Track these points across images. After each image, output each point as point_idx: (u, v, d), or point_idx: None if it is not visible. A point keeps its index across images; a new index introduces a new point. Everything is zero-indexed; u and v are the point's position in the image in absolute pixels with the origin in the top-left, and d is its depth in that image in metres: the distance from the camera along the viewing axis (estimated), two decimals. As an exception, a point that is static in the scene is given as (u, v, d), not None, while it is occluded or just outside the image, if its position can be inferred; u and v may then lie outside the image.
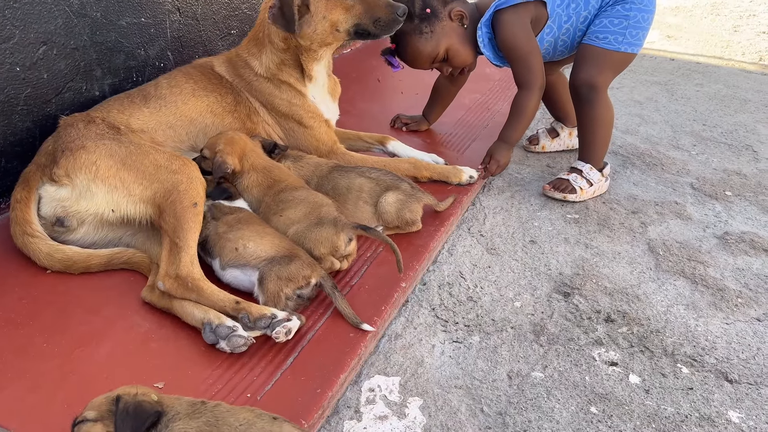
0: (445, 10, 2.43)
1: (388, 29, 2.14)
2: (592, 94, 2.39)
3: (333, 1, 2.08)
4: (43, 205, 1.81)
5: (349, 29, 2.13)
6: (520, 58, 2.39)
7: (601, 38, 2.37)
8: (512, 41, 2.37)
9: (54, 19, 1.93)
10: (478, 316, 1.86)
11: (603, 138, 2.48)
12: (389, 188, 2.06)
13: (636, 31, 2.37)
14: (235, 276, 1.71)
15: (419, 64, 2.49)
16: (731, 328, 1.89)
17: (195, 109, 2.11)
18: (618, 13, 2.36)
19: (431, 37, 2.41)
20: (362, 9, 2.10)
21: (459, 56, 2.48)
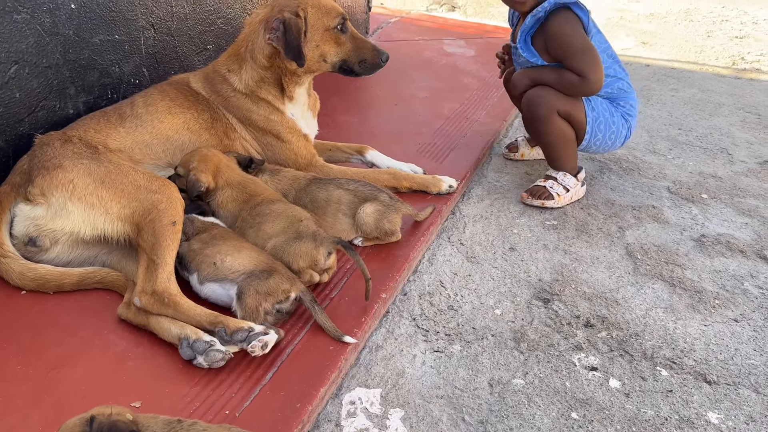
0: None
1: (370, 71, 2.25)
2: (540, 109, 2.42)
3: (328, 34, 2.14)
4: (16, 224, 1.79)
5: (336, 63, 2.20)
6: (576, 52, 2.33)
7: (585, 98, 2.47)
8: (567, 34, 2.33)
9: (25, 38, 1.92)
10: (458, 324, 1.86)
11: (564, 153, 2.52)
12: (367, 199, 2.06)
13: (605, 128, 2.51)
14: (213, 290, 1.70)
15: None
16: (709, 329, 1.91)
17: (171, 127, 2.11)
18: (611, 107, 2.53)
19: None
20: (352, 48, 2.20)
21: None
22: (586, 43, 2.33)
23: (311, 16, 2.10)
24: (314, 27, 2.11)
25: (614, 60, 2.53)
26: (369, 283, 1.75)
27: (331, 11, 2.14)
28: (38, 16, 1.95)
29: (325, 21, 2.12)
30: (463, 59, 4.30)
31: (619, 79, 2.51)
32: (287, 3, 2.11)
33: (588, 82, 2.33)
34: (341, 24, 2.15)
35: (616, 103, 2.55)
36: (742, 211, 2.61)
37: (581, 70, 2.33)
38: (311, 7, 2.10)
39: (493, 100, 3.56)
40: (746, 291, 2.10)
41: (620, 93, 2.54)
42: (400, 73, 3.89)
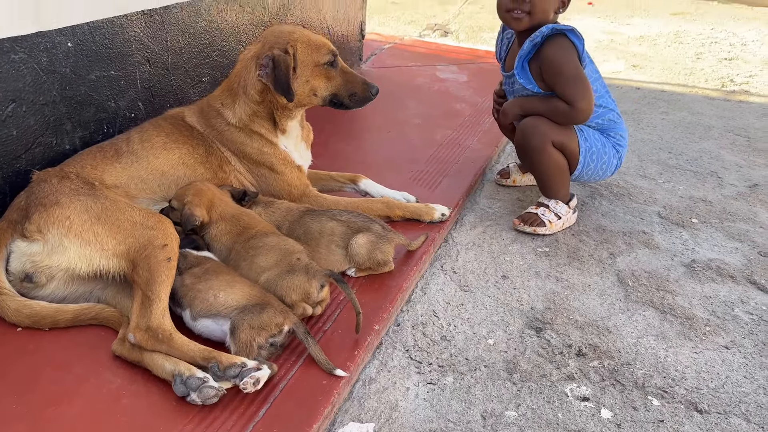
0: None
1: (360, 105, 2.29)
2: (534, 139, 2.46)
3: (317, 69, 2.19)
4: (13, 261, 1.81)
5: (326, 97, 2.25)
6: (568, 78, 2.37)
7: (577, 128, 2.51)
8: (561, 61, 2.36)
9: (23, 77, 1.96)
10: (451, 355, 1.88)
11: (557, 181, 2.55)
12: (360, 230, 2.09)
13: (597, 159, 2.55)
14: (206, 326, 1.72)
15: None
16: (700, 357, 1.93)
17: (167, 162, 2.14)
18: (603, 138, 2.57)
19: None
20: (342, 82, 2.24)
21: (543, 5, 2.38)
22: (578, 72, 2.37)
23: (301, 53, 2.15)
24: (304, 63, 2.16)
25: (606, 91, 2.58)
26: (360, 317, 1.77)
27: (321, 47, 2.18)
28: (35, 55, 1.98)
29: (314, 57, 2.17)
30: (455, 85, 4.36)
31: (610, 110, 2.56)
32: (277, 39, 2.16)
33: (577, 110, 2.37)
34: (331, 60, 2.20)
35: (607, 133, 2.59)
36: (732, 236, 2.64)
37: (571, 97, 2.37)
38: (300, 43, 2.15)
39: (485, 126, 3.61)
40: (736, 317, 2.12)
41: (611, 124, 2.58)
42: (393, 99, 3.95)
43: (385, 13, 6.84)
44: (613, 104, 2.59)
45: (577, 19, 7.08)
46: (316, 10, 3.70)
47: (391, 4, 7.30)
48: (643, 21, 7.13)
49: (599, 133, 2.57)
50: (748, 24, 7.10)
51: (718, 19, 7.36)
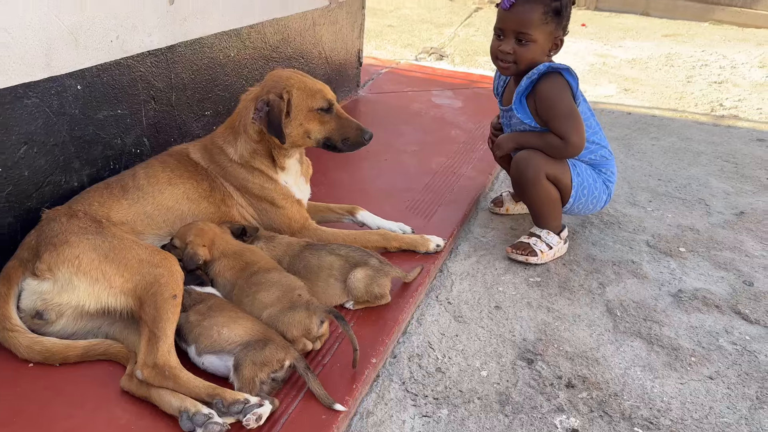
0: (560, 29, 2.52)
1: (353, 149, 2.38)
2: (529, 171, 2.54)
3: (311, 114, 2.29)
4: (24, 299, 1.88)
5: (320, 140, 2.34)
6: (562, 115, 2.47)
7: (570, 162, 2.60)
8: (556, 98, 2.47)
9: (35, 120, 2.04)
10: (446, 387, 1.95)
11: (549, 212, 2.65)
12: (358, 264, 2.17)
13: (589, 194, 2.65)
14: (211, 362, 1.79)
15: (514, 22, 2.47)
16: (685, 387, 2.00)
17: (172, 198, 2.22)
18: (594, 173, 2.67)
19: (543, 24, 2.46)
20: (335, 126, 2.33)
21: (528, 54, 2.49)
22: (571, 108, 2.48)
23: (296, 98, 2.25)
24: (298, 107, 2.26)
25: (600, 128, 2.68)
26: (357, 353, 1.84)
27: (316, 94, 2.29)
28: (47, 99, 2.07)
29: (309, 102, 2.28)
30: (450, 111, 4.46)
31: (602, 147, 2.66)
32: (275, 84, 2.27)
33: (569, 145, 2.47)
34: (326, 106, 2.30)
35: (599, 169, 2.69)
36: (719, 265, 2.73)
37: (564, 133, 2.47)
38: (296, 89, 2.26)
39: (479, 153, 3.70)
40: (721, 347, 2.20)
41: (603, 160, 2.68)
42: (390, 126, 4.05)
43: (382, 37, 6.96)
44: (606, 142, 2.69)
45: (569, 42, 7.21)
46: (315, 41, 3.80)
47: (388, 27, 7.43)
48: (635, 43, 7.27)
49: (591, 168, 2.67)
50: (738, 46, 7.24)
51: (708, 40, 7.51)
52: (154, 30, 2.47)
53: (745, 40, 7.55)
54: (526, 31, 2.46)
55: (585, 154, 2.59)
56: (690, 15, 8.80)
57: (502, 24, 2.53)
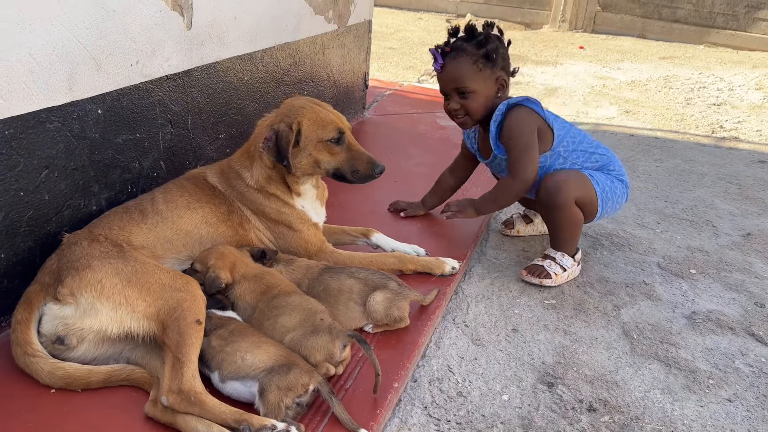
0: (499, 70, 2.58)
1: (363, 182, 2.38)
2: (559, 196, 2.55)
3: (321, 144, 2.30)
4: (45, 323, 1.87)
5: (329, 170, 2.36)
6: (520, 149, 2.54)
7: (588, 173, 2.64)
8: (518, 133, 2.53)
9: (56, 144, 2.05)
10: (468, 412, 1.95)
11: (569, 236, 2.66)
12: (377, 287, 2.17)
13: (611, 197, 2.67)
14: (235, 388, 1.79)
15: (450, 80, 2.58)
16: (705, 410, 2.01)
17: (191, 222, 2.23)
18: (609, 177, 2.69)
19: (477, 72, 2.54)
20: (345, 158, 2.34)
21: (475, 104, 2.58)
22: (527, 143, 2.54)
23: (306, 128, 2.27)
24: (308, 138, 2.28)
25: (584, 136, 2.71)
26: (379, 378, 1.84)
27: (327, 125, 2.31)
28: (68, 123, 2.08)
29: (319, 133, 2.29)
30: (455, 132, 4.49)
31: (595, 150, 2.70)
32: (288, 114, 2.30)
33: (518, 180, 2.56)
34: (336, 137, 2.31)
35: (607, 170, 2.72)
36: (730, 286, 2.75)
37: (516, 167, 2.56)
38: (307, 119, 2.28)
39: (487, 174, 3.70)
40: (738, 369, 2.21)
41: (603, 159, 2.72)
42: (397, 148, 4.07)
43: (384, 59, 7.04)
44: (596, 143, 2.73)
45: (569, 64, 7.32)
46: (324, 65, 3.85)
47: (389, 50, 7.51)
48: (633, 65, 7.37)
49: (601, 172, 2.70)
50: (734, 68, 7.35)
51: (705, 63, 7.62)
52: (172, 55, 2.50)
53: (740, 63, 7.67)
54: (463, 84, 2.55)
55: (586, 161, 2.65)
56: (686, 37, 8.94)
57: (442, 85, 2.64)
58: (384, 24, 8.97)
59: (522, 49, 7.94)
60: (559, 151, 2.62)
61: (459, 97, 2.59)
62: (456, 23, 2.68)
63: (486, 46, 2.53)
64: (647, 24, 9.22)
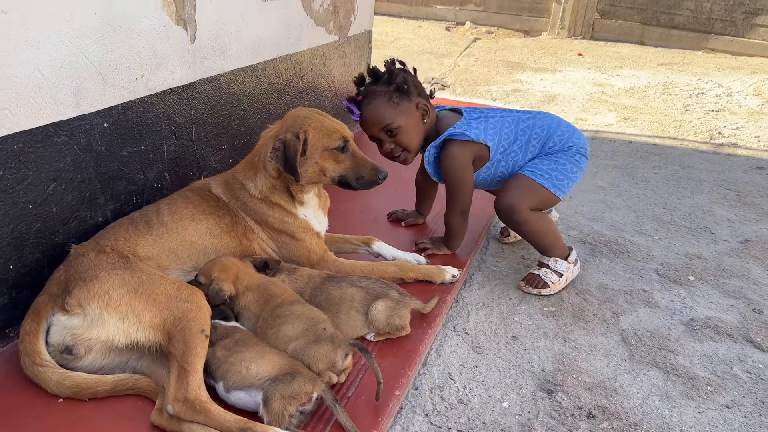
0: (416, 97, 2.64)
1: (367, 188, 2.44)
2: (515, 216, 2.62)
3: (327, 153, 2.35)
4: (53, 334, 1.90)
5: (334, 177, 2.41)
6: (453, 185, 2.70)
7: (529, 171, 2.67)
8: (451, 170, 2.66)
9: (63, 157, 2.09)
10: (469, 419, 1.98)
11: (549, 242, 2.70)
12: (379, 296, 2.20)
13: (562, 176, 2.65)
14: (239, 398, 1.82)
15: (373, 124, 2.63)
16: (703, 417, 2.04)
17: (195, 233, 2.27)
18: (549, 158, 2.69)
19: (395, 107, 2.59)
20: (350, 165, 2.39)
21: (406, 138, 2.64)
22: (461, 179, 2.67)
23: (312, 137, 2.32)
24: (314, 147, 2.33)
25: (516, 126, 2.70)
26: (380, 386, 1.87)
27: (332, 134, 2.36)
28: (75, 137, 2.13)
29: (324, 142, 2.34)
30: (456, 141, 4.53)
31: (528, 140, 2.69)
32: (293, 123, 2.35)
33: (455, 212, 2.76)
34: (341, 145, 2.36)
35: (547, 148, 2.69)
36: (728, 293, 2.78)
37: (452, 201, 2.74)
38: (312, 129, 2.33)
39: (488, 183, 3.75)
40: (736, 376, 2.24)
41: (541, 136, 2.69)
42: (398, 156, 4.11)
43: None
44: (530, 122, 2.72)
45: (568, 71, 7.36)
46: (325, 75, 3.89)
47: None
48: (631, 72, 7.42)
49: (539, 159, 2.69)
50: (732, 74, 7.40)
51: (703, 69, 7.66)
52: (176, 68, 2.54)
53: (739, 69, 7.71)
54: (386, 123, 2.59)
55: (525, 154, 2.69)
56: (684, 44, 8.99)
57: (367, 131, 2.70)
58: (384, 32, 9.03)
59: (521, 56, 7.99)
60: (497, 158, 2.70)
61: (389, 137, 2.64)
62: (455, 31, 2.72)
63: (395, 81, 2.59)
64: (646, 30, 9.28)
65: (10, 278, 2.03)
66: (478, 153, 2.67)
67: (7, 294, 2.03)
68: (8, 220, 1.96)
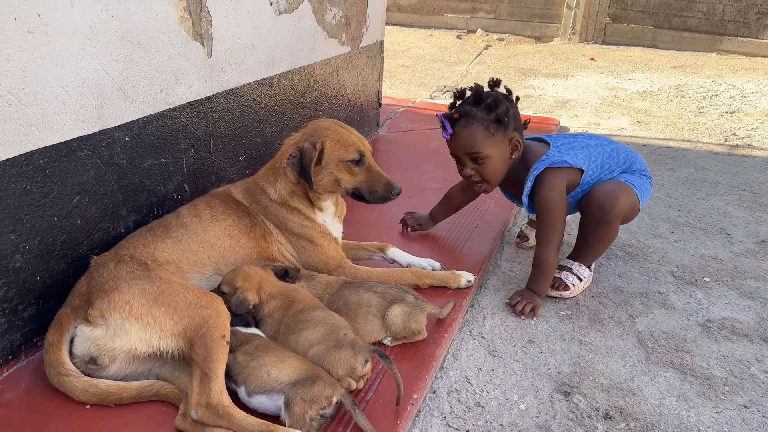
0: (512, 131, 2.56)
1: (380, 202, 2.48)
2: (613, 210, 2.55)
3: (342, 165, 2.41)
4: (77, 344, 1.95)
5: (349, 189, 2.46)
6: (550, 215, 2.57)
7: (625, 180, 2.68)
8: (550, 200, 2.55)
9: (87, 171, 2.16)
10: (487, 422, 2.00)
11: (599, 251, 2.72)
12: (395, 301, 2.24)
13: (644, 196, 2.71)
14: (261, 402, 1.86)
15: (463, 147, 2.56)
16: (721, 417, 2.04)
17: (214, 234, 2.32)
18: (635, 176, 2.73)
19: (489, 138, 2.51)
20: (364, 178, 2.44)
21: (491, 170, 2.58)
22: (556, 211, 2.57)
23: (328, 148, 2.38)
24: (330, 157, 2.39)
25: (612, 147, 2.75)
26: (401, 391, 1.90)
27: (349, 146, 2.41)
28: (98, 151, 2.19)
29: (340, 153, 2.40)
30: (469, 147, 4.56)
31: (615, 166, 2.72)
32: (313, 133, 2.41)
33: (549, 248, 2.58)
34: (357, 158, 2.41)
35: (632, 169, 2.76)
36: (744, 294, 2.77)
37: (545, 235, 2.59)
38: (330, 140, 2.39)
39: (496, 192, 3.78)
40: (753, 376, 2.24)
41: (628, 156, 2.75)
42: (411, 164, 4.15)
43: (396, 76, 7.15)
44: (621, 147, 2.77)
45: (580, 76, 7.37)
46: (338, 86, 3.95)
47: (401, 67, 7.63)
48: (644, 75, 7.41)
49: (629, 174, 2.73)
50: (746, 75, 7.36)
51: (717, 71, 7.63)
52: (194, 82, 2.61)
53: (753, 70, 7.67)
54: (476, 151, 2.53)
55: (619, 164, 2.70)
56: (697, 46, 8.96)
57: (453, 151, 2.63)
58: (396, 42, 9.11)
59: (533, 62, 8.02)
60: (587, 181, 2.65)
61: (473, 163, 2.57)
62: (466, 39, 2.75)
63: (496, 110, 2.49)
64: (658, 34, 9.26)
65: (37, 289, 2.09)
66: (572, 179, 2.62)
67: (35, 304, 2.09)
68: (35, 232, 2.03)
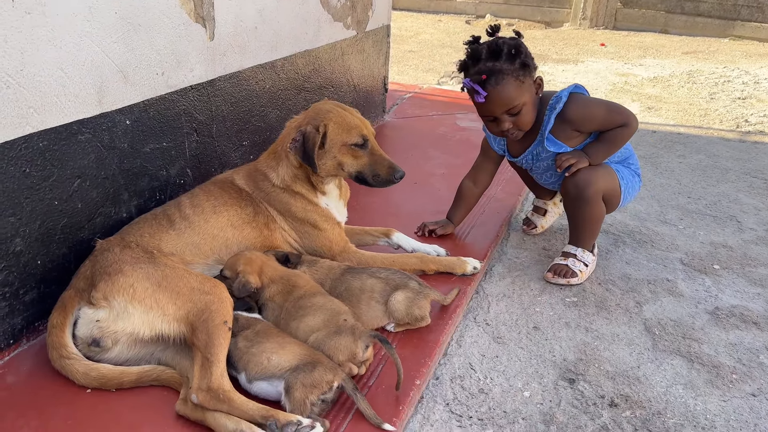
0: (534, 71, 2.51)
1: (384, 186, 2.45)
2: (589, 189, 2.54)
3: (345, 148, 2.37)
4: (80, 327, 1.95)
5: (352, 173, 2.43)
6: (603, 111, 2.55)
7: (614, 167, 2.66)
8: (592, 108, 2.56)
9: (87, 154, 2.14)
10: (490, 408, 1.98)
11: (593, 231, 2.68)
12: (398, 287, 2.21)
13: (628, 193, 2.70)
14: (262, 388, 1.84)
15: (500, 106, 2.46)
16: (728, 405, 2.01)
17: (216, 225, 2.30)
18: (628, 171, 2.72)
19: (521, 86, 2.44)
20: (368, 162, 2.41)
21: (527, 117, 2.53)
22: (607, 104, 2.59)
23: (331, 131, 2.35)
24: (333, 141, 2.36)
25: None
26: (401, 376, 1.88)
27: (352, 130, 2.38)
28: (98, 134, 2.17)
29: (343, 137, 2.37)
30: (475, 133, 4.51)
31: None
32: (315, 117, 2.38)
33: (630, 126, 2.53)
34: (360, 142, 2.38)
35: (627, 162, 2.75)
36: (754, 281, 2.73)
37: (622, 121, 2.52)
38: (333, 123, 2.36)
39: (507, 175, 3.73)
40: (762, 364, 2.20)
41: (625, 152, 2.74)
42: (417, 150, 4.12)
43: (404, 62, 7.09)
44: None
45: (590, 62, 7.28)
46: (344, 70, 3.91)
47: (409, 53, 7.56)
48: (655, 61, 7.31)
49: (622, 165, 2.72)
50: (760, 61, 7.24)
51: (729, 57, 7.51)
52: (196, 65, 2.58)
53: (766, 55, 7.54)
54: (513, 104, 2.46)
55: (616, 155, 2.66)
56: (709, 31, 8.82)
57: (488, 112, 2.52)
58: (403, 27, 9.03)
59: (543, 47, 7.92)
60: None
61: (510, 117, 2.51)
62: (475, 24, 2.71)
63: (519, 57, 2.43)
64: (669, 19, 9.12)
65: (38, 273, 2.08)
66: None
67: (36, 288, 2.09)
68: (35, 216, 2.01)
